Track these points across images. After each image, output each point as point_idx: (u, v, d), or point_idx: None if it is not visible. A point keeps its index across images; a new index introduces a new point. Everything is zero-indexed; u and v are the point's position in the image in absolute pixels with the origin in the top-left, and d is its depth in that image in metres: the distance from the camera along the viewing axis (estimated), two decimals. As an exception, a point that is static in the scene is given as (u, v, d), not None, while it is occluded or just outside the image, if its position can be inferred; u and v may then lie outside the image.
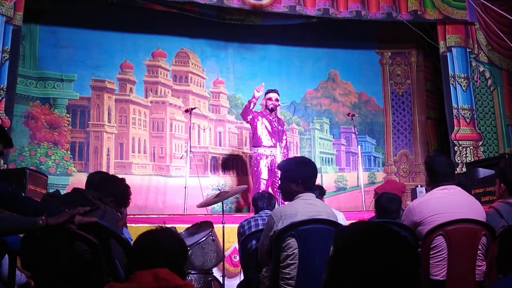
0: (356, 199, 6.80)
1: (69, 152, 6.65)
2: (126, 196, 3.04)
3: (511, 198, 3.03)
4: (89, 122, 6.82)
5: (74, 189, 3.02)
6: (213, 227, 4.03)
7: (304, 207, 2.60)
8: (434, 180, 2.93)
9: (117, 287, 1.86)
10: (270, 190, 5.73)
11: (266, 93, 6.10)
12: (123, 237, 2.51)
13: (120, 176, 3.42)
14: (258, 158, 5.95)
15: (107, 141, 6.84)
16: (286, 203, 5.19)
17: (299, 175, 2.66)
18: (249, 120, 6.01)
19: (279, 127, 5.90)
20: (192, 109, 6.20)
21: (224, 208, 4.25)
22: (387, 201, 3.65)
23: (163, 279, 1.73)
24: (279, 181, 2.81)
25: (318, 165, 6.87)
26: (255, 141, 6.05)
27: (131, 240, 3.47)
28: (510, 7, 7.14)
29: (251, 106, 5.91)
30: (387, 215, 3.57)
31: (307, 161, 2.76)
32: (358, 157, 6.39)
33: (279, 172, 5.41)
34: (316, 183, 3.01)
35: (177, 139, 7.12)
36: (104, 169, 6.46)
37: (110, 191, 2.92)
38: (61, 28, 6.84)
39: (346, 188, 7.51)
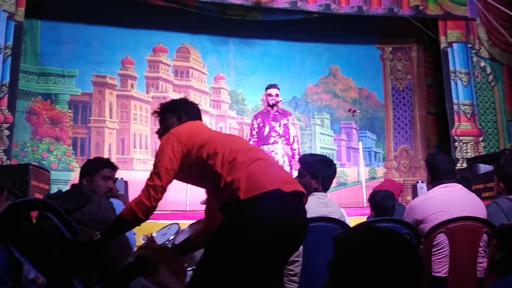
0: (357, 195, 6.81)
1: (71, 148, 6.67)
2: (102, 164, 2.98)
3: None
4: (90, 118, 6.84)
5: (72, 185, 3.08)
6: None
7: (316, 206, 2.64)
8: (435, 177, 2.95)
9: None
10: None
11: (266, 89, 6.11)
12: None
13: (121, 171, 3.42)
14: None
15: (108, 137, 6.86)
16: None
17: (322, 174, 2.70)
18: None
19: (280, 122, 5.91)
20: (193, 105, 6.20)
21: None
22: (383, 199, 3.68)
23: None
24: (298, 173, 2.84)
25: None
26: (258, 138, 6.08)
27: (134, 234, 3.51)
28: (510, 2, 7.14)
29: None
30: (385, 212, 3.61)
31: (330, 162, 2.80)
32: (358, 152, 6.40)
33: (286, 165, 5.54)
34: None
35: (179, 134, 7.13)
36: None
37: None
38: (62, 24, 6.84)
39: (347, 184, 7.53)
